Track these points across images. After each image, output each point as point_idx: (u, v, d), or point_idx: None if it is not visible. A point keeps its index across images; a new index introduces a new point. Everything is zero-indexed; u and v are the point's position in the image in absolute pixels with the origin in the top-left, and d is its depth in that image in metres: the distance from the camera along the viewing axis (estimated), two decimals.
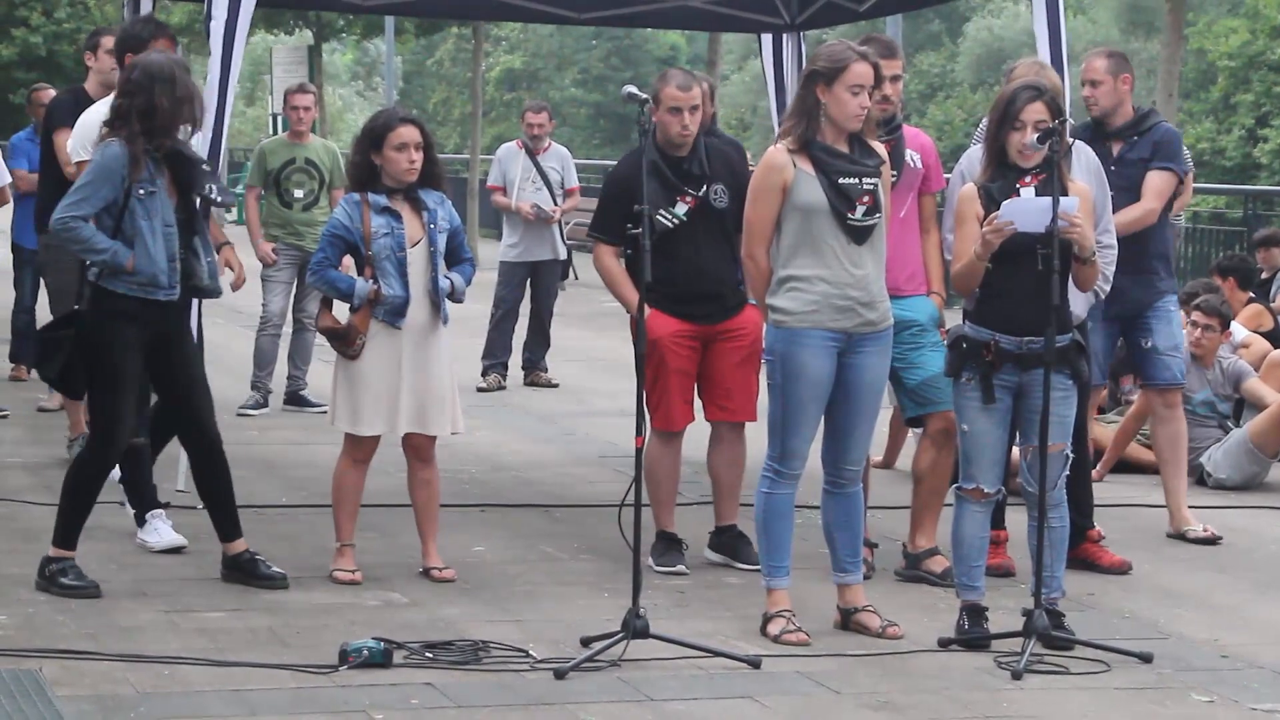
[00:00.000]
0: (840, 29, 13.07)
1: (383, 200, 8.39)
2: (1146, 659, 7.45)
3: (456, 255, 8.61)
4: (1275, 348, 13.18)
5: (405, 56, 69.39)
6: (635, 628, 7.23)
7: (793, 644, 7.58)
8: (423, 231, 8.41)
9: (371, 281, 8.35)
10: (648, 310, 8.73)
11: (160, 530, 8.85)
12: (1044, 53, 9.91)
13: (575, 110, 65.74)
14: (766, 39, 12.12)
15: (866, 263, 7.67)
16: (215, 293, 8.39)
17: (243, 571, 8.29)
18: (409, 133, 8.38)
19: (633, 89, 7.63)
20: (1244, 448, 11.54)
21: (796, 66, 11.78)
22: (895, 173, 8.40)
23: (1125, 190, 9.54)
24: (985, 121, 8.09)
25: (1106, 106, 9.76)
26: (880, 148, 7.87)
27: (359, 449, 8.53)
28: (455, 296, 8.51)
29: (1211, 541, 9.85)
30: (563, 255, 16.04)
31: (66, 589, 7.99)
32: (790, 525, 7.80)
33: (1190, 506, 10.88)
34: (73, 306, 8.20)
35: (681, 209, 8.77)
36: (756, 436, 8.83)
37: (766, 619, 7.73)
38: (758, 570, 8.09)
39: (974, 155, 8.55)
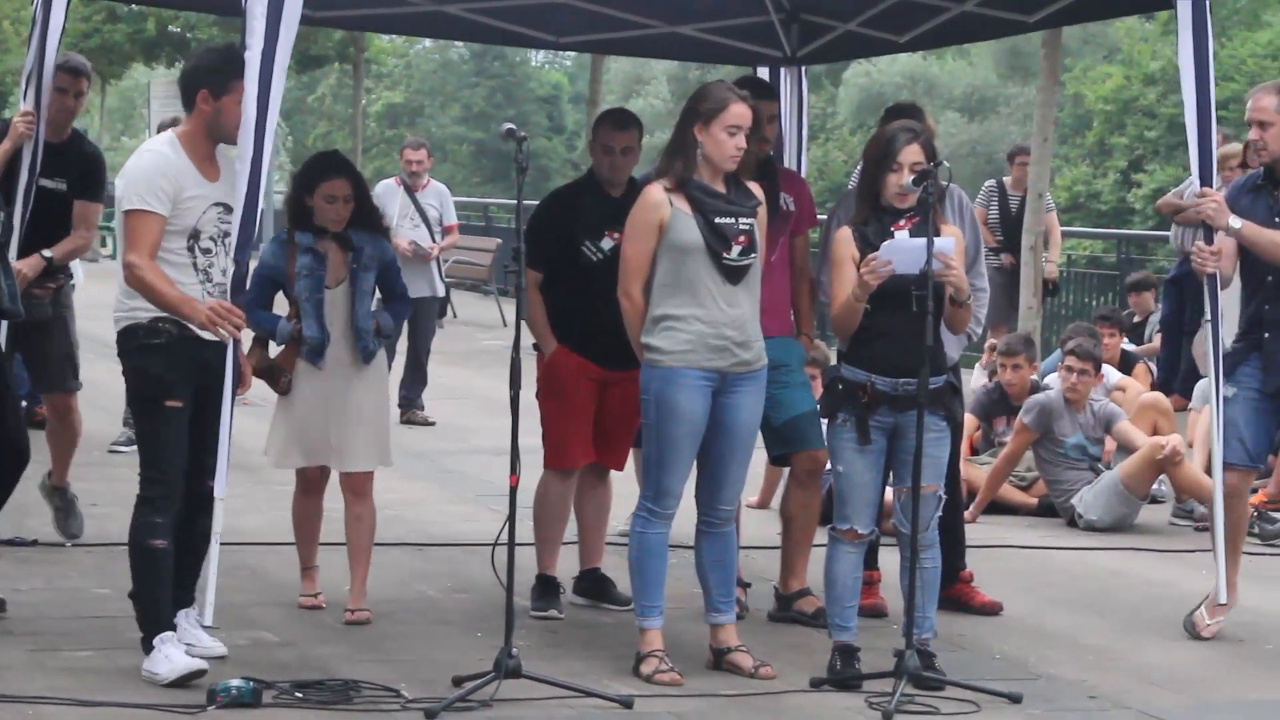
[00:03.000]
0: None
1: (308, 240, 8.46)
2: (1016, 699, 7.48)
3: (390, 291, 8.70)
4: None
5: (286, 91, 69.04)
6: (507, 667, 7.20)
7: (665, 684, 7.56)
8: (346, 271, 8.44)
9: (295, 321, 8.42)
10: (554, 346, 8.74)
11: (172, 658, 7.35)
12: (1187, 74, 8.55)
13: (457, 147, 65.69)
14: (762, 72, 10.94)
15: (742, 302, 7.68)
16: (16, 315, 8.26)
17: None
18: (339, 186, 8.45)
19: (511, 125, 7.61)
20: (1115, 489, 11.65)
21: (796, 102, 10.90)
22: (769, 214, 8.37)
23: None
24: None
25: (1277, 151, 8.52)
26: (757, 189, 7.89)
27: (301, 481, 8.64)
28: (383, 333, 8.54)
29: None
30: (441, 293, 15.99)
31: None
32: (664, 565, 7.79)
33: (1061, 548, 11.01)
34: None
35: (608, 244, 8.62)
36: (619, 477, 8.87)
37: (639, 659, 7.71)
38: (629, 610, 8.08)
39: (852, 197, 8.57)
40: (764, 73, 10.82)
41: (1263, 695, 7.84)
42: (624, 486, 9.02)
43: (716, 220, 7.63)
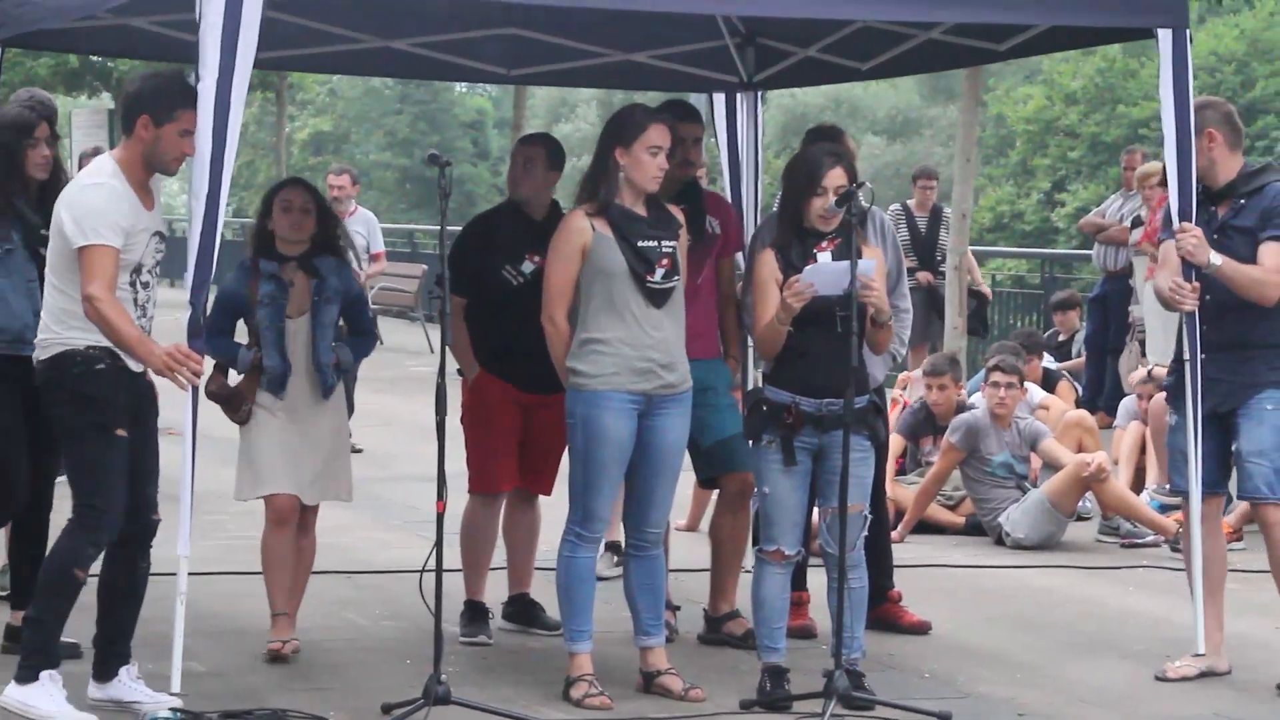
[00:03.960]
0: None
1: (272, 267, 8.29)
2: (946, 718, 7.50)
3: (356, 326, 8.55)
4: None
5: None
6: (437, 694, 7.18)
7: (595, 708, 7.56)
8: (309, 302, 8.30)
9: (255, 350, 8.28)
10: (477, 371, 8.71)
11: (56, 699, 7.22)
12: (1167, 106, 8.36)
13: (383, 174, 65.52)
14: (719, 99, 10.48)
15: (665, 325, 7.70)
16: None
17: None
18: (294, 193, 8.31)
19: (434, 152, 7.60)
20: (1041, 507, 11.70)
21: (752, 128, 10.40)
22: (694, 238, 8.36)
23: None
24: None
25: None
26: (678, 212, 7.91)
27: (269, 510, 8.39)
28: (342, 367, 8.39)
29: None
30: None
31: None
32: (592, 589, 7.79)
33: (989, 567, 11.06)
34: None
35: (529, 268, 8.57)
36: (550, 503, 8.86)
37: (569, 683, 7.70)
38: (558, 635, 8.07)
39: (774, 219, 8.58)
40: (719, 99, 10.53)
41: (1190, 711, 7.88)
42: (550, 512, 9.00)
43: (640, 244, 7.64)
